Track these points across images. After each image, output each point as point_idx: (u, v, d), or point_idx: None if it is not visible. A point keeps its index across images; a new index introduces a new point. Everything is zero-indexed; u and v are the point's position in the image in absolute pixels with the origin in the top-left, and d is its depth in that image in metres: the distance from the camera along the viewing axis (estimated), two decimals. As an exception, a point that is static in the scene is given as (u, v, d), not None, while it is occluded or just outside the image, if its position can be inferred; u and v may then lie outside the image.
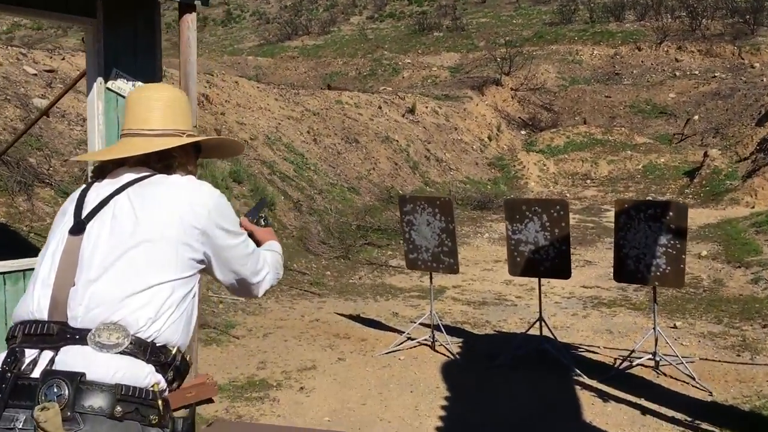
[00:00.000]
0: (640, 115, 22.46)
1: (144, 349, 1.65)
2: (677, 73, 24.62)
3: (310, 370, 5.48)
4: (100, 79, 4.41)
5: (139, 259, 1.68)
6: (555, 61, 26.25)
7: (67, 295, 1.67)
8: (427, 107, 18.84)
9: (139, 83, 4.64)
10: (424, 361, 5.73)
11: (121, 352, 1.62)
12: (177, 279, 1.72)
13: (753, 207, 13.50)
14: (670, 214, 5.15)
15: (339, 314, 7.12)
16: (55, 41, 31.74)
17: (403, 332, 6.29)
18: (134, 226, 1.70)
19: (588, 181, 17.49)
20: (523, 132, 21.84)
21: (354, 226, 10.71)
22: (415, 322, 6.40)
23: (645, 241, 5.19)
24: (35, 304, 1.69)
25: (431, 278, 6.25)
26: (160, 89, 1.97)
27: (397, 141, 15.90)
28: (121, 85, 4.52)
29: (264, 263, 1.98)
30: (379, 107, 17.20)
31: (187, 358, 1.78)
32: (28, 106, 8.62)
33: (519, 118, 22.70)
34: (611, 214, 13.48)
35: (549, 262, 5.54)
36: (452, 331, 6.55)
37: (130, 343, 1.63)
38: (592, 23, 29.84)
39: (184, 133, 1.91)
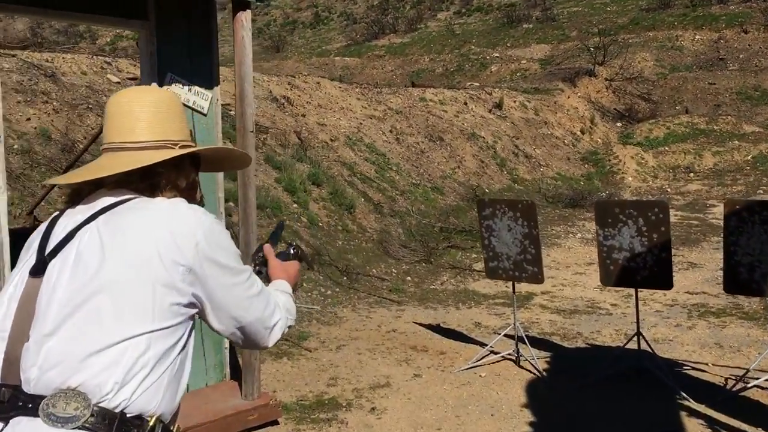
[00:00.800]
0: (748, 103, 20.87)
1: (110, 422, 1.30)
2: (790, 56, 22.77)
3: (383, 388, 5.12)
4: (154, 84, 4.21)
5: (105, 308, 1.33)
6: (653, 49, 24.83)
7: (21, 353, 1.36)
8: (515, 101, 18.14)
9: (196, 88, 4.42)
10: (508, 379, 5.26)
11: (79, 427, 1.29)
12: (155, 330, 1.36)
13: None
14: (791, 215, 4.46)
15: (418, 324, 6.73)
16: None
17: (486, 345, 5.84)
18: (99, 264, 1.36)
19: (691, 175, 16.33)
20: (618, 124, 20.71)
21: (437, 227, 10.28)
22: (499, 334, 5.93)
23: (760, 248, 4.52)
24: (-15, 362, 1.38)
25: (513, 287, 5.75)
26: (145, 92, 1.62)
27: (484, 138, 15.33)
28: (177, 90, 4.30)
29: (275, 306, 1.59)
30: (465, 103, 16.67)
31: (173, 429, 1.43)
32: (109, 115, 8.68)
33: (614, 109, 21.56)
34: (717, 209, 12.48)
35: (646, 270, 4.95)
36: (539, 343, 6.04)
37: (92, 414, 1.28)
38: (693, 7, 28.09)
39: (176, 144, 1.56)
